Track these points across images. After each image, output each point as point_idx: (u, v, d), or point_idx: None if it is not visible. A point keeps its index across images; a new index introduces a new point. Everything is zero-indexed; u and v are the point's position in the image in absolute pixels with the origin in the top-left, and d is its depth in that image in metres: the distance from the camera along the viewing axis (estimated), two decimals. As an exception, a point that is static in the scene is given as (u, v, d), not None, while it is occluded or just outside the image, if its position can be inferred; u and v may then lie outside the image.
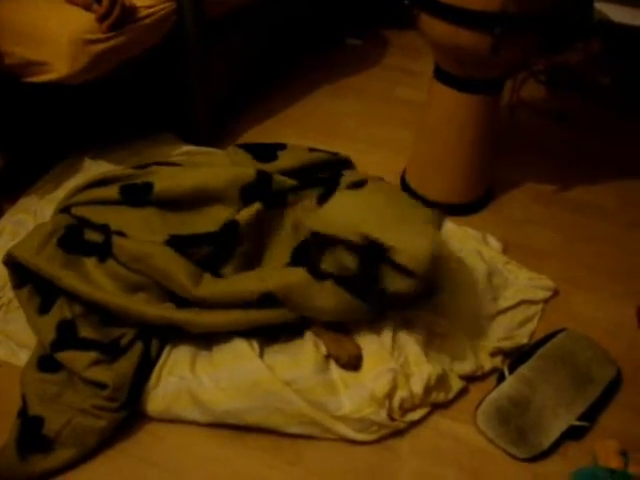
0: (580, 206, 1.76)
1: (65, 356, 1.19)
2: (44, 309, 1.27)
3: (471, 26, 1.33)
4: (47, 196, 1.59)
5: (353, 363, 1.22)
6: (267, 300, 1.23)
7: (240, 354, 1.20)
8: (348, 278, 1.21)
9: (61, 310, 1.26)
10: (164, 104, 1.79)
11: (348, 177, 1.47)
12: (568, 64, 2.41)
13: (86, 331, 1.22)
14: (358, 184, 1.41)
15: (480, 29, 1.33)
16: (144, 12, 1.48)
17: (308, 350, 1.23)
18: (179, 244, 1.30)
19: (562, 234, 1.66)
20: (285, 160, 1.52)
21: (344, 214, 1.26)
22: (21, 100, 1.56)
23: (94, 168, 1.66)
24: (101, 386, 1.14)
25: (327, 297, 1.21)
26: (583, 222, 1.70)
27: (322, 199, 1.37)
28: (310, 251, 1.30)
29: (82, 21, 1.37)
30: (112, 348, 1.20)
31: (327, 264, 1.25)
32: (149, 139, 1.79)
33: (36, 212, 1.54)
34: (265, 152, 1.55)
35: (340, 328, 1.27)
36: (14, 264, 1.30)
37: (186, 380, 1.18)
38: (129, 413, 1.16)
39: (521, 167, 1.89)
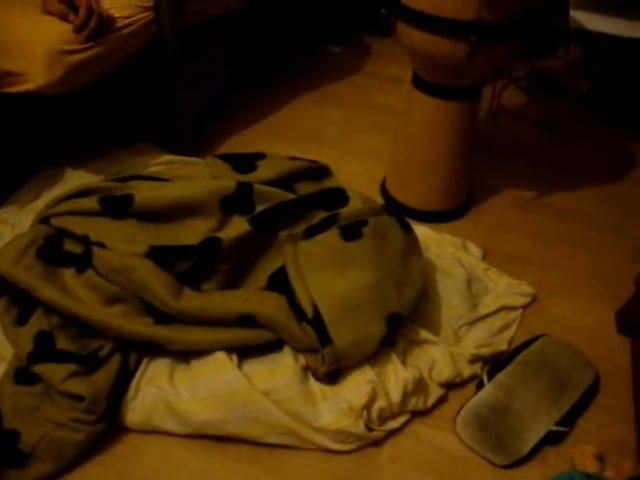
0: (559, 211, 1.78)
1: (42, 369, 1.17)
2: (21, 320, 1.26)
3: (447, 34, 1.34)
4: (26, 207, 1.57)
5: (329, 377, 1.22)
6: (247, 321, 1.23)
7: (218, 364, 1.19)
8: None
9: (39, 321, 1.24)
10: (143, 113, 1.79)
11: (346, 214, 1.38)
12: (549, 70, 2.43)
13: (64, 343, 1.21)
14: (355, 230, 1.33)
15: (456, 37, 1.34)
16: (122, 22, 1.47)
17: (287, 360, 1.22)
18: (159, 255, 1.28)
19: (541, 240, 1.67)
20: (264, 170, 1.52)
21: (313, 274, 1.27)
22: (2, 109, 1.55)
23: (74, 178, 1.65)
24: (78, 398, 1.13)
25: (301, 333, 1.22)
26: (562, 227, 1.72)
27: (309, 233, 1.34)
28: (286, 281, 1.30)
29: (58, 31, 1.36)
30: (90, 360, 1.19)
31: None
32: (129, 149, 1.78)
33: (14, 223, 1.52)
34: (244, 162, 1.55)
35: None
36: None
37: (164, 391, 1.17)
38: (107, 426, 1.15)
39: (501, 173, 1.91)
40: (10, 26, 1.39)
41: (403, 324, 1.29)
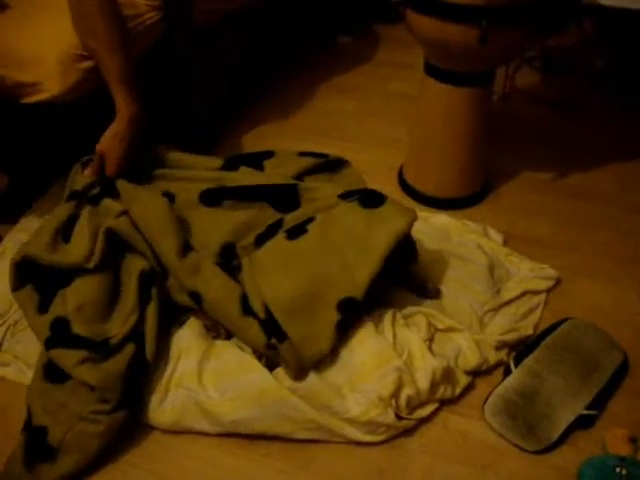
0: (579, 193, 1.76)
1: (56, 353, 1.19)
2: (43, 308, 1.27)
3: (457, 20, 1.33)
4: (46, 215, 1.59)
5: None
6: (195, 298, 1.28)
7: (246, 365, 1.20)
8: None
9: (56, 308, 1.26)
10: (158, 114, 1.79)
11: (291, 219, 1.37)
12: (562, 48, 2.40)
13: (79, 328, 1.22)
14: (300, 229, 1.33)
15: (467, 23, 1.33)
16: (131, 22, 1.47)
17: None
18: None
19: (562, 222, 1.66)
20: (272, 171, 1.52)
21: (263, 278, 1.27)
22: (20, 121, 1.57)
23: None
24: (92, 388, 1.15)
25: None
26: (583, 209, 1.70)
27: (259, 242, 1.34)
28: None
29: (69, 38, 1.38)
30: (101, 348, 1.20)
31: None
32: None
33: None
34: (251, 163, 1.55)
35: None
36: (17, 265, 1.30)
37: (194, 392, 1.18)
38: (129, 417, 1.15)
39: (518, 156, 1.89)
40: (21, 36, 1.40)
41: (365, 307, 1.27)
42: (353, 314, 1.24)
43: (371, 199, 1.32)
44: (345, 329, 1.24)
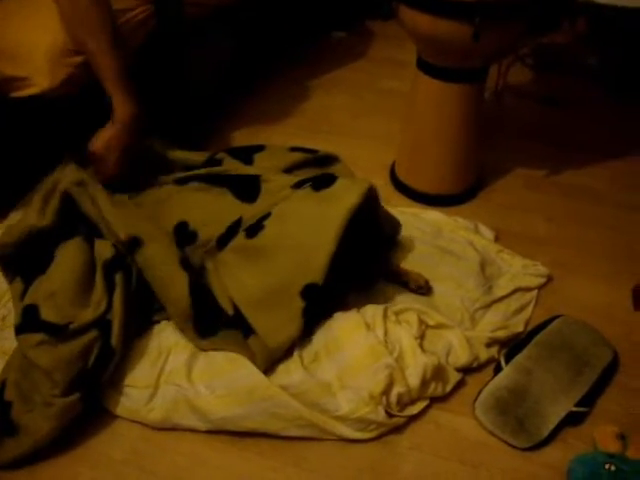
0: (571, 190, 1.76)
1: (21, 338, 1.21)
2: (23, 296, 1.29)
3: (450, 16, 1.33)
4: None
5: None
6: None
7: (235, 362, 1.20)
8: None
9: (30, 295, 1.28)
10: (148, 108, 1.78)
11: (249, 218, 1.38)
12: (555, 45, 2.40)
13: (47, 314, 1.23)
14: (257, 226, 1.33)
15: (459, 19, 1.32)
16: (122, 17, 1.46)
17: (295, 358, 1.22)
18: None
19: (554, 219, 1.66)
20: (261, 164, 1.52)
21: (229, 278, 1.30)
22: (10, 116, 1.55)
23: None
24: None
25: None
26: (575, 206, 1.70)
27: (221, 244, 1.37)
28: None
29: (59, 33, 1.36)
30: (59, 331, 1.20)
31: None
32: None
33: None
34: (242, 157, 1.55)
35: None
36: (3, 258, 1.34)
37: (183, 388, 1.18)
38: (85, 403, 1.15)
39: (510, 153, 1.89)
40: (10, 30, 1.39)
41: (328, 292, 1.25)
42: (318, 299, 1.24)
43: (322, 181, 1.33)
44: (312, 316, 1.25)
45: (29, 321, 1.23)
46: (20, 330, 1.22)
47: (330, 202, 1.27)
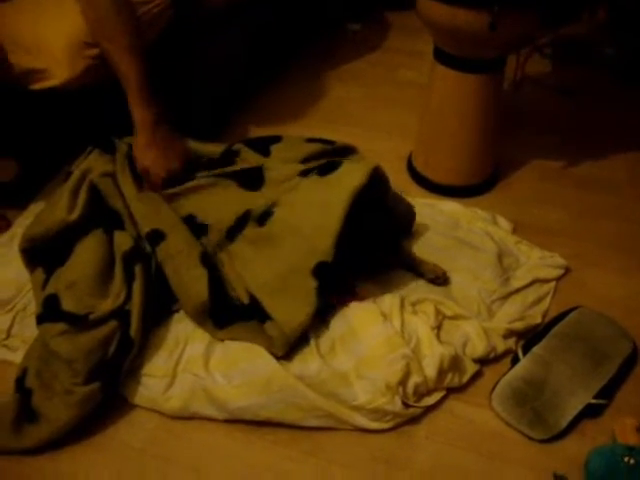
0: (589, 181, 1.75)
1: (42, 328, 1.23)
2: (44, 287, 1.31)
3: (468, 6, 1.32)
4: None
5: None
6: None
7: (253, 351, 1.21)
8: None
9: (51, 285, 1.29)
10: (166, 101, 1.79)
11: (257, 207, 1.39)
12: (574, 36, 2.37)
13: (68, 304, 1.24)
14: (266, 214, 1.35)
15: (477, 8, 1.31)
16: (140, 9, 1.46)
17: (312, 348, 1.23)
18: None
19: (572, 210, 1.65)
20: (278, 155, 1.52)
21: (245, 269, 1.32)
22: (29, 108, 1.57)
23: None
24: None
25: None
26: (592, 197, 1.69)
27: (231, 236, 1.37)
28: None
29: (78, 25, 1.37)
30: (79, 321, 1.21)
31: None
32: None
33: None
34: (259, 147, 1.55)
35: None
36: (26, 249, 1.35)
37: (200, 378, 1.19)
38: (105, 392, 1.16)
39: (528, 144, 1.87)
40: (29, 23, 1.40)
41: (338, 270, 1.26)
42: (330, 278, 1.25)
43: (328, 167, 1.34)
44: (325, 295, 1.25)
45: (50, 311, 1.24)
46: (41, 319, 1.24)
47: (335, 185, 1.28)
